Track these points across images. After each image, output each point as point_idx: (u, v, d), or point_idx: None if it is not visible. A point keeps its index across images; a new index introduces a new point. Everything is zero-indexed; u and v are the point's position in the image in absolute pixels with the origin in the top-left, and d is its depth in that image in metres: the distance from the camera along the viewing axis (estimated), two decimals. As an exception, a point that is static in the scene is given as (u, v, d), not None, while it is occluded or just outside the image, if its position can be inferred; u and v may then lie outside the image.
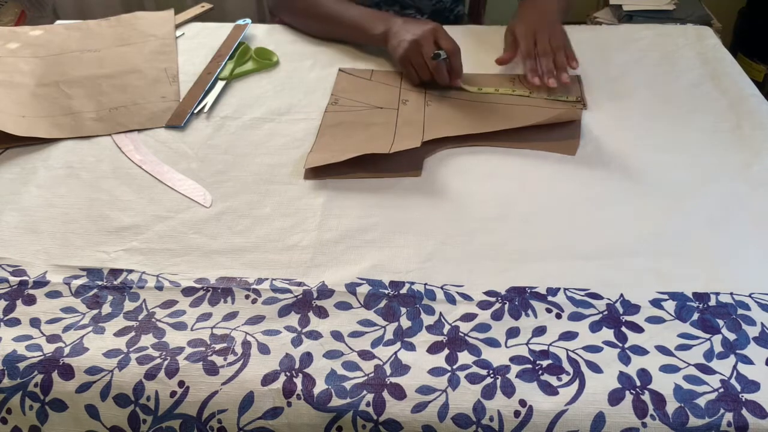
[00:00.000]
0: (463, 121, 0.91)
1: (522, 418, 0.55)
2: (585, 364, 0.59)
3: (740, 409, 0.54)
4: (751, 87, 0.97)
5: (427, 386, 0.57)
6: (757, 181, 0.79)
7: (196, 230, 0.74)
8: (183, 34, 1.14)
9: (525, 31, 1.02)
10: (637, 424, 0.54)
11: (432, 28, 0.97)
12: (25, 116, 0.92)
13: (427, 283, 0.67)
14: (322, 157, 0.83)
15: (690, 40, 1.10)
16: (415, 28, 0.97)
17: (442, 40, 0.96)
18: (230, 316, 0.64)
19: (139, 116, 0.93)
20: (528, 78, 0.98)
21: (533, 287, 0.66)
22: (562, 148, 0.85)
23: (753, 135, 0.87)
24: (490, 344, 0.61)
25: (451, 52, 0.96)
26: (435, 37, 0.96)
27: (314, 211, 0.76)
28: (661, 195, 0.77)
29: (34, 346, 0.61)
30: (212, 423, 0.56)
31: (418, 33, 0.96)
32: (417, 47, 0.95)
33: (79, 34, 1.12)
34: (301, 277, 0.68)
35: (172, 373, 0.58)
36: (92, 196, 0.79)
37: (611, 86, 0.98)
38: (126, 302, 0.66)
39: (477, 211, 0.76)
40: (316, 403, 0.56)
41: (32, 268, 0.70)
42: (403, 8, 1.21)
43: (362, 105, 0.95)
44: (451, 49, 0.95)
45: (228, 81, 1.01)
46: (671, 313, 0.63)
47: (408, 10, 1.22)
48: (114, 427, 0.57)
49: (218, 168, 0.83)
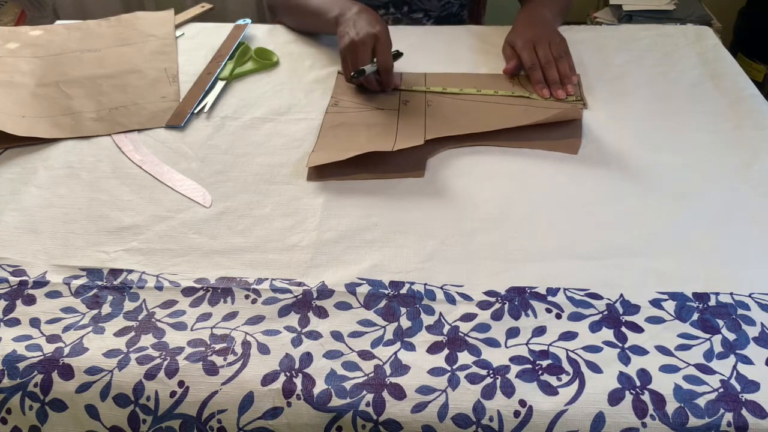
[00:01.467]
0: (465, 121, 0.91)
1: (522, 418, 0.55)
2: (585, 364, 0.59)
3: (740, 409, 0.54)
4: (751, 87, 0.97)
5: (427, 386, 0.57)
6: (757, 181, 0.79)
7: (196, 230, 0.74)
8: (183, 34, 1.14)
9: (524, 44, 1.00)
10: (636, 424, 0.54)
11: (374, 34, 0.93)
12: (25, 116, 0.92)
13: (427, 283, 0.67)
14: (325, 155, 0.83)
15: (690, 40, 1.10)
16: (360, 28, 0.95)
17: (379, 53, 0.93)
18: (230, 316, 0.64)
19: (139, 116, 0.93)
20: (536, 90, 0.97)
21: (533, 287, 0.66)
22: (563, 147, 0.85)
23: (753, 135, 0.87)
24: (490, 344, 0.61)
25: (382, 68, 0.93)
26: (374, 44, 0.93)
27: (314, 211, 0.76)
28: (661, 195, 0.77)
29: (33, 346, 0.61)
30: (212, 423, 0.56)
31: (360, 35, 0.93)
32: (354, 50, 0.93)
33: (79, 34, 1.12)
34: (301, 277, 0.68)
35: (172, 373, 0.58)
36: (92, 196, 0.79)
37: (611, 86, 0.98)
38: (126, 302, 0.66)
39: (477, 211, 0.76)
40: (316, 403, 0.56)
41: (32, 268, 0.70)
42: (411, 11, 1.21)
43: (362, 106, 0.95)
44: (383, 66, 0.93)
45: (228, 81, 1.01)
46: (671, 313, 0.63)
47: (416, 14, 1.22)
48: (114, 427, 0.57)
49: (218, 168, 0.83)
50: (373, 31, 0.93)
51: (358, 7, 0.99)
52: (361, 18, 0.96)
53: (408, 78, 1.00)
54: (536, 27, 1.04)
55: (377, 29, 0.93)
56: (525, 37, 1.01)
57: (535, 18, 1.06)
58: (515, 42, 1.02)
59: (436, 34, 1.13)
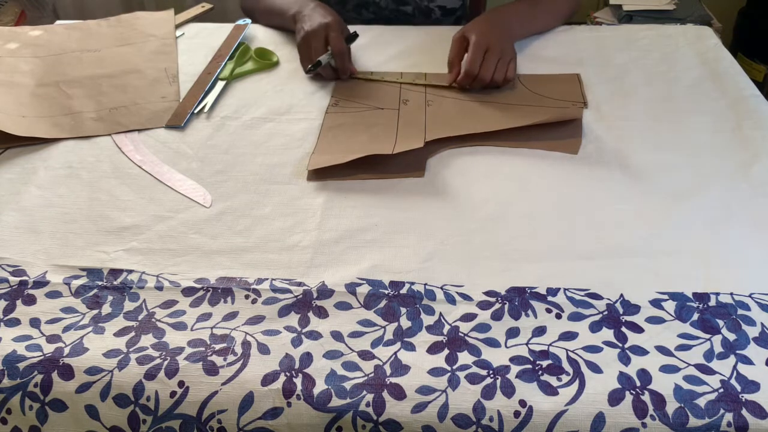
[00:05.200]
0: (465, 120, 0.91)
1: (522, 418, 0.55)
2: (585, 364, 0.59)
3: (740, 410, 0.54)
4: (751, 87, 0.97)
5: (427, 386, 0.57)
6: (757, 181, 0.79)
7: (196, 230, 0.74)
8: (183, 34, 1.14)
9: (477, 46, 0.95)
10: (637, 425, 0.54)
11: (325, 24, 0.98)
12: (25, 116, 0.92)
13: (427, 283, 0.67)
14: (325, 158, 0.83)
15: (690, 40, 1.10)
16: (313, 20, 0.99)
17: (331, 39, 0.97)
18: (230, 316, 0.64)
19: (139, 116, 0.93)
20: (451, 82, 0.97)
21: (533, 287, 0.66)
22: (564, 147, 0.85)
23: (753, 135, 0.87)
24: (490, 344, 0.61)
25: (336, 53, 0.97)
26: (326, 33, 0.97)
27: (314, 211, 0.76)
28: (661, 195, 0.77)
29: (33, 346, 0.61)
30: (212, 423, 0.56)
31: (313, 26, 0.98)
32: (307, 42, 0.99)
33: (79, 34, 1.12)
34: (301, 277, 0.68)
35: (172, 373, 0.58)
36: (92, 196, 0.79)
37: (611, 86, 0.98)
38: (126, 302, 0.66)
39: (477, 211, 0.76)
40: (316, 404, 0.56)
41: (32, 268, 0.70)
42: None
43: (363, 106, 0.95)
44: (336, 50, 0.96)
45: (228, 81, 1.01)
46: (671, 314, 0.63)
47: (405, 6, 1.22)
48: (114, 427, 0.57)
49: (218, 168, 0.83)
50: (324, 21, 0.98)
51: (314, 3, 1.04)
52: (315, 12, 1.02)
53: (408, 77, 1.00)
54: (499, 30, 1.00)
55: (329, 19, 0.98)
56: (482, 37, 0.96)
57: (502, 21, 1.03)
58: (470, 35, 0.97)
59: (436, 34, 1.13)
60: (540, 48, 1.08)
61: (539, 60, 1.05)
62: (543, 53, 1.07)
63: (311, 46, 0.98)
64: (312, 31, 0.98)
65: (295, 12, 1.05)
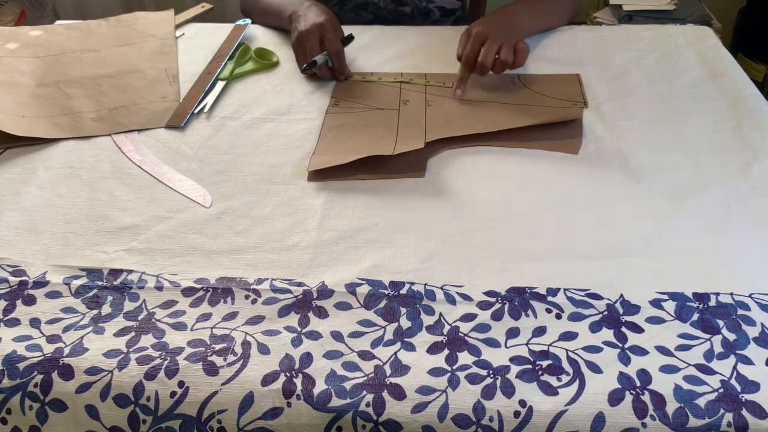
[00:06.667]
0: (465, 120, 0.91)
1: (522, 418, 0.55)
2: (585, 364, 0.59)
3: (740, 410, 0.54)
4: (751, 87, 0.97)
5: (427, 386, 0.57)
6: (757, 181, 0.79)
7: (196, 230, 0.74)
8: (183, 34, 1.14)
9: (476, 35, 0.94)
10: (637, 425, 0.54)
11: (319, 24, 0.97)
12: (25, 116, 0.92)
13: (427, 284, 0.67)
14: (326, 159, 0.83)
15: (690, 40, 1.10)
16: (307, 20, 0.99)
17: (326, 40, 0.97)
18: (230, 316, 0.64)
19: (139, 116, 0.93)
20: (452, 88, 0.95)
21: (533, 287, 0.66)
22: (564, 147, 0.85)
23: (753, 135, 0.87)
24: (490, 344, 0.61)
25: (333, 53, 0.97)
26: (321, 33, 0.97)
27: (314, 212, 0.76)
28: (661, 195, 0.77)
29: (34, 346, 0.61)
30: (212, 423, 0.56)
31: (307, 26, 0.98)
32: (301, 42, 0.98)
33: (79, 34, 1.12)
34: (301, 277, 0.68)
35: (172, 373, 0.58)
36: (92, 196, 0.79)
37: (611, 86, 0.98)
38: (126, 302, 0.66)
39: (477, 211, 0.76)
40: (316, 404, 0.56)
41: (32, 268, 0.70)
42: None
43: (363, 106, 0.95)
44: (333, 51, 0.96)
45: (228, 81, 1.01)
46: (671, 314, 0.63)
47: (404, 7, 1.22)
48: (114, 427, 0.57)
49: (218, 168, 0.83)
50: (318, 21, 0.97)
51: (308, 3, 1.04)
52: (310, 11, 1.01)
53: (408, 78, 1.00)
54: (502, 24, 0.98)
55: (323, 19, 0.98)
56: (483, 27, 0.95)
57: (508, 16, 1.02)
58: (472, 29, 0.96)
59: (435, 34, 1.13)
60: (540, 48, 1.08)
61: (539, 60, 1.05)
62: (543, 53, 1.07)
63: (306, 47, 0.98)
64: (306, 31, 0.98)
65: (290, 13, 1.06)
